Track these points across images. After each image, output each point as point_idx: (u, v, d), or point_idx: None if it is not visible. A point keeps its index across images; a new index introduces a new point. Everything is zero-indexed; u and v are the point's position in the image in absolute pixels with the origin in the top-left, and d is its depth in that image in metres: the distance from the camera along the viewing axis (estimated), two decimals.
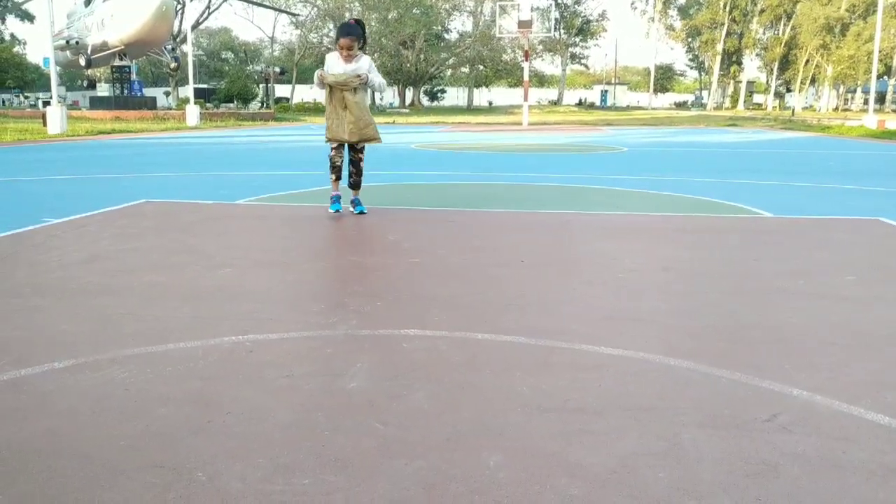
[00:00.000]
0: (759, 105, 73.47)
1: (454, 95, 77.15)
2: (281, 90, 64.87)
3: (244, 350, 2.95)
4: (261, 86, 60.54)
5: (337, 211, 6.53)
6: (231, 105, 49.46)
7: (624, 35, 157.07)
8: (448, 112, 55.75)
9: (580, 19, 72.07)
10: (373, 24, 59.72)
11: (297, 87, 62.60)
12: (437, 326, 3.26)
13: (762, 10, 67.16)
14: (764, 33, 71.51)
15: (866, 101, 31.67)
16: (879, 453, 2.08)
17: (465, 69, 69.24)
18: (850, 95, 73.02)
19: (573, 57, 76.00)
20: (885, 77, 64.43)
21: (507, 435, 2.19)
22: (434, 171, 11.24)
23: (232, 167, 11.96)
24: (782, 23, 67.71)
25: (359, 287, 4.01)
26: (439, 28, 65.48)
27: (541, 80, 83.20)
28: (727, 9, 67.60)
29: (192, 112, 30.51)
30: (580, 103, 75.86)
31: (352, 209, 6.53)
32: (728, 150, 17.50)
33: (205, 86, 60.14)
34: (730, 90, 76.48)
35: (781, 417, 2.31)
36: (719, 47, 69.40)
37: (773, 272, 4.39)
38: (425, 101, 74.02)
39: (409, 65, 63.60)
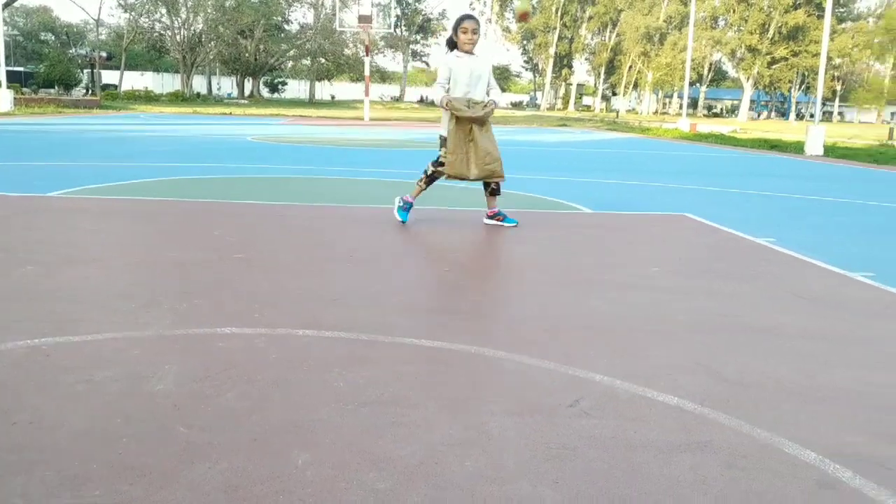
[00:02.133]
0: (588, 107, 77.64)
1: (296, 88, 75.68)
2: (109, 76, 60.84)
3: (40, 355, 2.72)
4: (85, 71, 56.51)
5: (404, 222, 5.78)
6: (52, 91, 45.74)
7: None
8: (289, 105, 54.61)
9: (421, 17, 72.92)
10: (209, 10, 57.37)
11: (127, 73, 58.95)
12: (258, 324, 3.17)
13: (590, 17, 70.95)
14: (592, 39, 75.57)
15: (681, 106, 34.31)
16: (667, 432, 2.24)
17: (307, 62, 68.07)
18: (667, 100, 78.78)
19: (414, 54, 76.80)
20: (698, 84, 70.08)
21: (318, 432, 2.16)
22: (269, 165, 10.95)
23: (48, 157, 11.05)
24: (608, 30, 71.90)
25: (176, 284, 3.82)
26: (279, 19, 63.93)
27: (383, 76, 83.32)
28: (559, 14, 70.82)
29: (4, 97, 27.89)
30: (421, 100, 76.72)
31: (492, 222, 5.87)
32: (557, 149, 18.33)
33: (21, 69, 55.21)
34: (562, 92, 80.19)
35: (583, 402, 2.44)
36: (552, 51, 72.59)
37: (587, 265, 4.64)
38: (265, 92, 72.10)
39: (247, 55, 61.64)
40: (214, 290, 3.71)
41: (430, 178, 5.97)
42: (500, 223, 5.84)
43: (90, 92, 50.94)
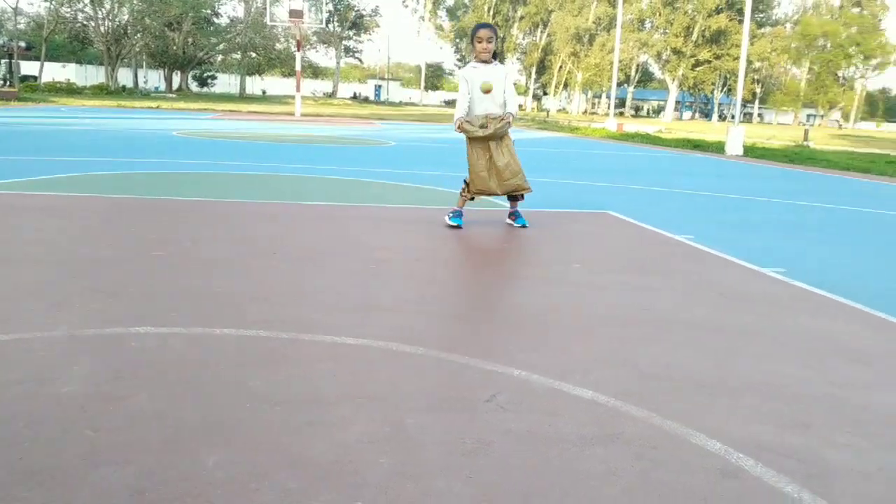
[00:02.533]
0: (520, 106, 78.43)
1: (226, 82, 74.12)
2: (28, 67, 58.36)
3: None
4: (3, 61, 54.08)
5: (459, 226, 5.69)
6: None
7: (397, 32, 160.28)
8: (218, 99, 53.43)
9: (354, 13, 72.40)
10: (135, 1, 55.61)
11: (48, 64, 56.63)
12: (174, 323, 3.09)
13: (522, 17, 71.72)
14: (523, 39, 76.42)
15: (609, 106, 35.07)
16: (580, 425, 2.29)
17: (237, 56, 66.76)
18: (596, 100, 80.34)
19: (347, 50, 76.20)
20: (626, 85, 71.67)
21: (230, 432, 2.12)
22: (195, 160, 10.70)
23: None
24: (539, 30, 72.82)
25: (89, 282, 3.69)
26: (209, 11, 62.50)
27: (315, 71, 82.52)
28: (491, 13, 71.31)
29: None
30: (355, 97, 76.26)
31: (510, 222, 5.94)
32: None
33: None
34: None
35: (500, 397, 2.46)
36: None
37: (512, 261, 4.69)
38: (194, 86, 70.38)
39: (175, 48, 60.07)
40: (130, 289, 3.60)
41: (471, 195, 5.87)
42: (511, 222, 5.94)
43: (7, 83, 48.77)
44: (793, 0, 76.69)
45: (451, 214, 5.76)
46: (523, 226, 5.87)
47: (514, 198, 5.93)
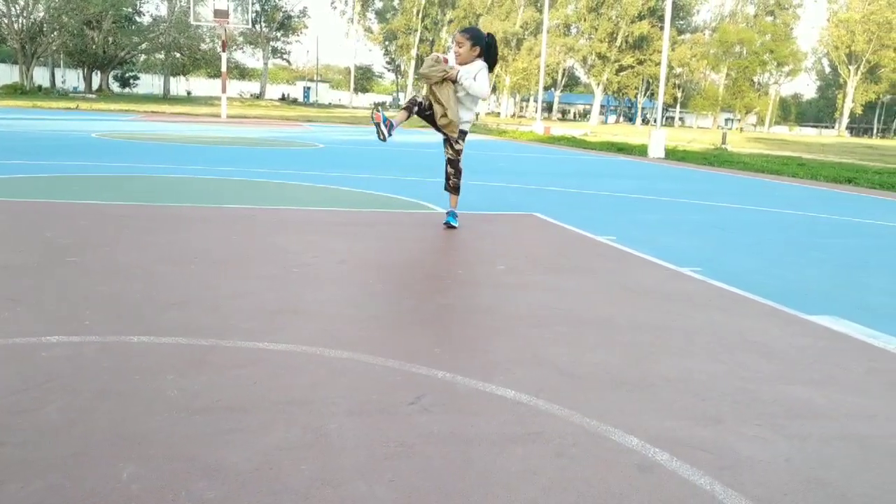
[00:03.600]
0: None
1: (149, 83, 72.08)
2: None
3: None
4: None
5: (450, 225, 5.99)
6: None
7: (325, 33, 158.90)
8: (141, 100, 51.93)
9: (281, 14, 71.46)
10: None
11: None
12: (88, 331, 2.99)
13: (451, 21, 72.06)
14: (452, 42, 76.89)
15: (537, 110, 35.58)
16: (502, 424, 2.31)
17: (160, 56, 65.00)
18: (525, 103, 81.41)
19: (275, 51, 75.15)
20: (553, 89, 72.87)
21: (146, 443, 2.07)
22: (114, 163, 10.36)
23: None
24: None
25: None
26: (130, 10, 60.65)
27: (242, 72, 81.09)
28: (420, 16, 71.50)
29: None
30: (283, 98, 75.25)
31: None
32: (415, 150, 18.47)
33: None
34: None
35: (424, 399, 2.47)
36: (414, 52, 73.16)
37: (434, 262, 4.71)
38: (116, 87, 68.19)
39: (95, 47, 58.04)
40: (42, 296, 3.47)
41: (409, 108, 6.02)
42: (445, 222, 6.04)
43: None
44: (711, 8, 79.35)
45: (381, 120, 5.89)
46: (450, 225, 5.97)
47: (449, 189, 6.13)
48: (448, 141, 6.03)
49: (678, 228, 6.92)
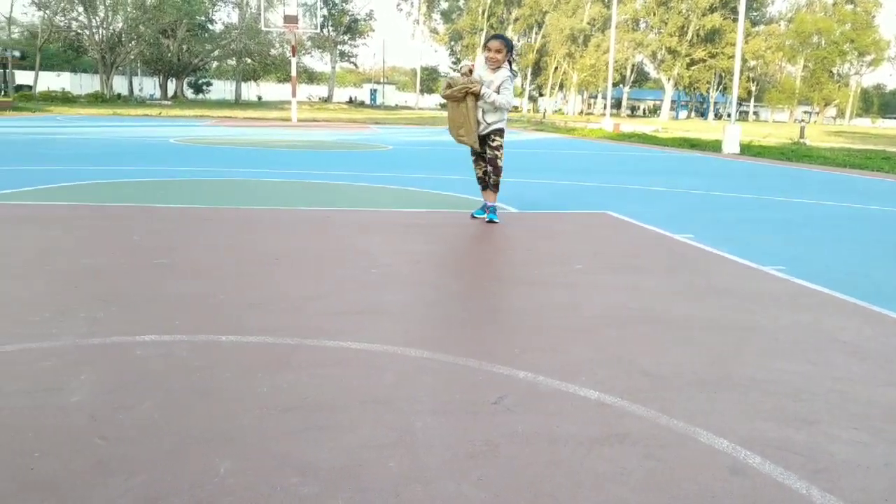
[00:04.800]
0: (516, 108, 78.49)
1: (221, 89, 74.07)
2: (23, 77, 58.28)
3: None
4: None
5: (475, 217, 6.31)
6: None
7: (392, 35, 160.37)
8: (214, 106, 53.45)
9: (348, 17, 72.42)
10: (129, 9, 55.60)
11: (42, 73, 56.60)
12: (178, 331, 3.10)
13: (516, 19, 71.76)
14: (518, 40, 76.45)
15: (605, 106, 35.13)
16: (587, 425, 2.30)
17: (232, 62, 66.76)
18: (592, 100, 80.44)
19: (342, 55, 76.20)
20: (621, 85, 71.79)
21: (240, 439, 2.13)
22: (192, 168, 10.71)
23: None
24: (534, 31, 72.89)
25: (92, 291, 3.70)
26: (203, 18, 62.48)
27: (311, 76, 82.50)
28: (486, 16, 71.39)
29: None
30: (350, 101, 76.25)
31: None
32: None
33: None
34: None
35: (507, 399, 2.47)
36: (479, 52, 73.12)
37: (512, 263, 4.70)
38: (190, 93, 70.35)
39: (170, 55, 60.04)
40: (133, 297, 3.61)
41: (477, 178, 6.32)
42: (484, 215, 6.18)
43: (2, 93, 48.80)
44: None
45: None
46: (491, 220, 6.08)
47: (487, 187, 6.22)
48: (485, 139, 6.13)
49: (759, 226, 6.73)
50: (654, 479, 1.98)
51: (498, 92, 5.95)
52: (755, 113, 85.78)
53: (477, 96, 5.91)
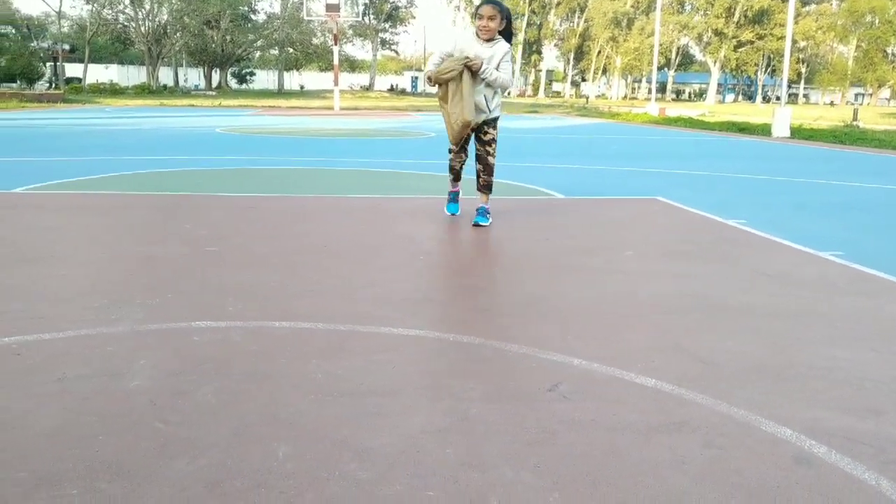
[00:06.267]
0: (559, 93, 77.86)
1: (264, 78, 74.85)
2: (72, 69, 59.64)
3: (11, 353, 2.67)
4: (48, 64, 55.40)
5: (453, 214, 5.54)
6: (13, 85, 44.88)
7: (432, 23, 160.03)
8: (257, 95, 54.03)
9: (389, 5, 72.40)
10: (173, 1, 56.45)
11: (91, 66, 57.80)
12: (232, 317, 3.14)
13: (558, 3, 71.02)
14: (561, 25, 75.66)
15: (650, 91, 34.52)
16: (645, 413, 2.26)
17: (275, 52, 67.38)
18: (636, 85, 79.25)
19: (383, 43, 76.26)
20: (666, 69, 70.56)
21: (297, 424, 2.15)
22: (238, 157, 10.84)
23: (12, 152, 10.83)
24: (577, 16, 72.02)
25: (147, 279, 3.77)
26: (246, 8, 63.12)
27: (352, 64, 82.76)
28: (527, 0, 70.73)
29: None
30: (392, 89, 76.37)
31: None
32: (527, 135, 18.35)
33: None
34: (531, 78, 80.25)
35: (562, 386, 2.45)
36: (521, 37, 72.53)
37: (561, 249, 4.66)
38: (233, 83, 71.22)
39: (214, 45, 60.82)
40: (187, 284, 3.66)
41: (450, 170, 5.52)
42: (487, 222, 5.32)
43: (53, 85, 50.03)
44: None
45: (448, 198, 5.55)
46: (479, 224, 5.25)
47: (480, 188, 5.40)
48: (477, 134, 5.31)
49: (813, 210, 6.56)
50: (714, 468, 1.95)
51: (497, 69, 5.09)
52: (805, 95, 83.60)
53: (474, 74, 5.01)
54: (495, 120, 5.29)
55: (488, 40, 5.10)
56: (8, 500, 1.73)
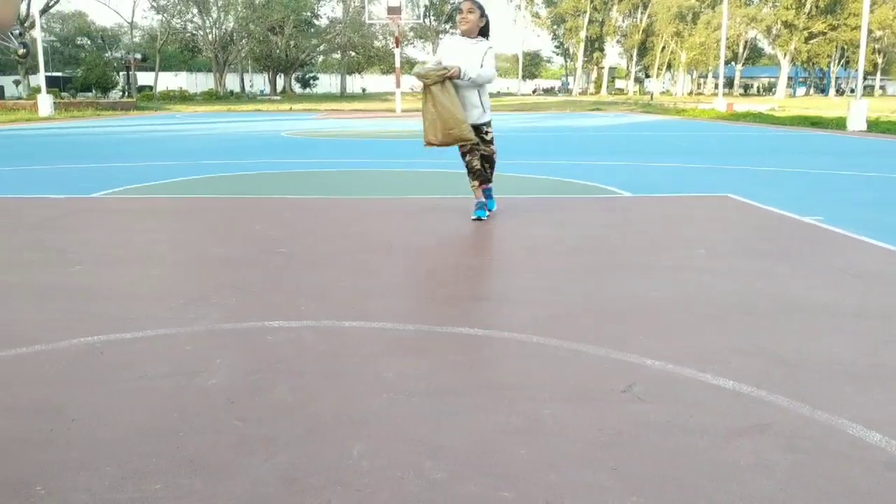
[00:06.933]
0: (621, 90, 76.70)
1: (327, 82, 75.99)
2: (144, 78, 61.75)
3: (95, 352, 2.77)
4: (121, 73, 57.46)
5: (479, 218, 5.49)
6: (89, 94, 46.70)
7: (493, 21, 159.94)
8: (321, 99, 54.87)
9: (449, 6, 72.59)
10: (239, 8, 57.85)
11: (161, 74, 59.74)
12: (304, 316, 3.18)
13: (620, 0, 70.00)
14: (623, 21, 74.56)
15: (717, 86, 33.67)
16: (722, 416, 2.20)
17: (337, 56, 68.33)
18: (702, 80, 77.53)
19: None
20: (733, 63, 68.81)
21: (371, 422, 2.16)
22: (305, 159, 11.02)
23: (90, 159, 11.26)
24: (640, 11, 70.87)
25: (221, 279, 3.86)
26: (309, 14, 64.21)
27: (413, 67, 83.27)
28: None
29: (45, 102, 28.53)
30: None
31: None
32: (591, 133, 18.15)
33: (59, 74, 56.42)
34: (594, 76, 79.35)
35: (637, 388, 2.40)
36: (582, 34, 71.81)
37: (632, 248, 4.58)
38: (297, 88, 72.54)
39: (278, 51, 62.06)
40: (260, 285, 3.74)
41: (468, 171, 5.64)
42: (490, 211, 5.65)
43: (126, 94, 51.86)
44: None
45: (475, 206, 5.56)
46: (479, 218, 5.45)
47: (480, 182, 5.59)
48: (479, 136, 5.51)
49: (893, 206, 6.29)
50: (799, 472, 1.88)
51: (482, 66, 5.36)
52: (882, 87, 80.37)
53: (452, 79, 5.33)
54: (490, 120, 5.66)
55: (472, 38, 5.50)
56: (96, 494, 1.79)
